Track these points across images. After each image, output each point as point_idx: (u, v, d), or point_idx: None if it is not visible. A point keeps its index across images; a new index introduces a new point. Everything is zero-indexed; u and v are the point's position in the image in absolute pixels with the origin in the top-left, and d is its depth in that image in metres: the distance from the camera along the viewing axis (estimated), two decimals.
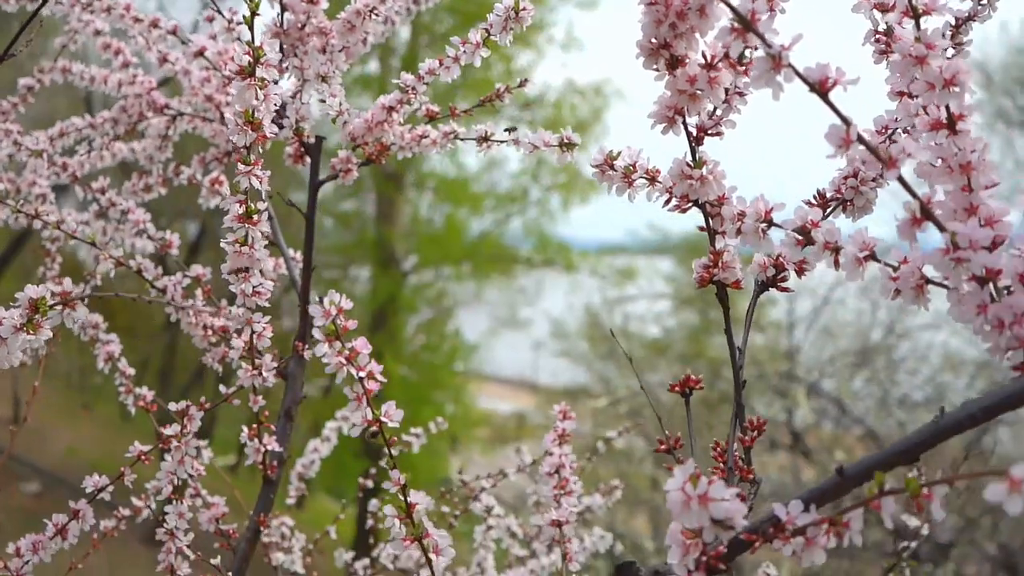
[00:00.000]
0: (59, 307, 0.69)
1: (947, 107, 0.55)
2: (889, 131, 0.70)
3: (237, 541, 1.01)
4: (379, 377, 0.65)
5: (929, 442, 0.51)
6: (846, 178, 0.70)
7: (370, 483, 1.53)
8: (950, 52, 0.74)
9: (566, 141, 0.89)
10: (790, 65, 0.51)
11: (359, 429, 0.66)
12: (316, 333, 0.63)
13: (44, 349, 1.17)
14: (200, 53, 1.07)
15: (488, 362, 12.42)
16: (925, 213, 0.53)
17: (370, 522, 1.42)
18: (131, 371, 1.11)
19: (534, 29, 11.31)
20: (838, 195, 0.70)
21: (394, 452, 0.68)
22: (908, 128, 0.64)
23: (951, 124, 0.55)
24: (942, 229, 0.53)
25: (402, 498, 0.67)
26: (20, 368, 1.34)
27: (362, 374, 0.64)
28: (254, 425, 0.98)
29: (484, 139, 0.99)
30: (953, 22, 0.74)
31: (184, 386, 9.34)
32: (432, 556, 0.67)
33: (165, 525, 0.94)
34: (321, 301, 0.64)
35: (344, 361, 0.64)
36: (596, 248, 11.69)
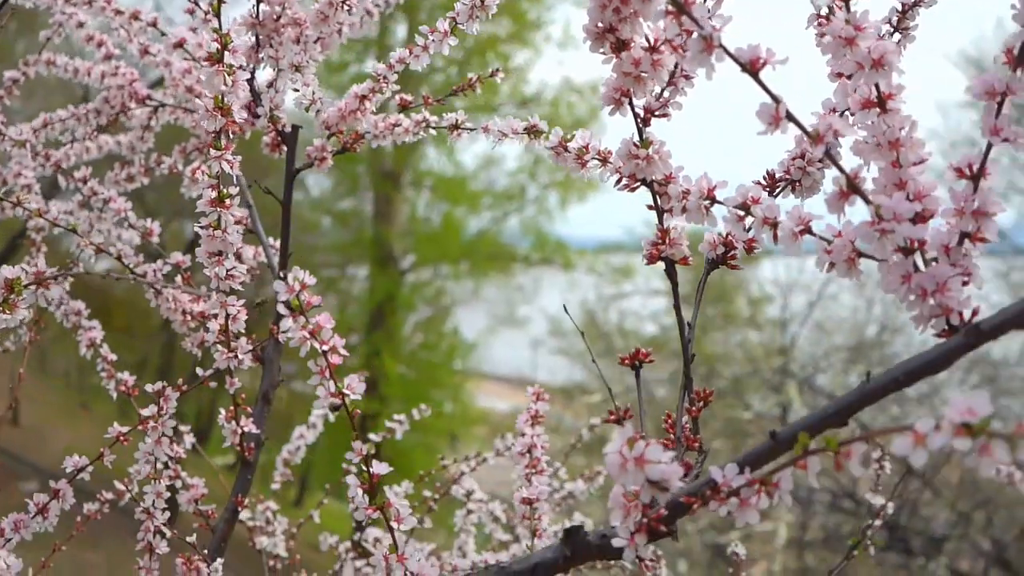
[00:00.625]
0: (33, 287, 0.71)
1: (876, 86, 0.57)
2: (836, 113, 0.72)
3: (216, 521, 1.04)
4: (341, 351, 0.68)
5: (856, 405, 0.54)
6: (794, 159, 0.73)
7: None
8: (896, 37, 0.77)
9: (532, 128, 0.91)
10: (721, 46, 0.54)
11: (324, 402, 0.68)
12: (281, 308, 0.66)
13: (27, 335, 1.19)
14: (180, 45, 1.09)
15: (486, 360, 12.45)
16: (852, 187, 0.55)
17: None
18: (113, 356, 1.14)
19: (531, 27, 11.35)
20: (786, 175, 0.73)
21: (362, 427, 0.70)
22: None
23: (881, 103, 0.58)
24: (868, 202, 0.55)
25: (364, 469, 0.69)
26: (18, 367, 1.35)
27: (325, 348, 0.67)
28: (231, 407, 1.00)
29: (455, 127, 1.01)
30: (900, 7, 0.76)
31: (183, 384, 9.37)
32: (394, 524, 0.69)
33: (142, 504, 0.97)
34: (286, 278, 0.66)
35: (308, 335, 0.66)
36: (594, 246, 11.73)
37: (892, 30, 0.77)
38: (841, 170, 0.55)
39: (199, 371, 0.99)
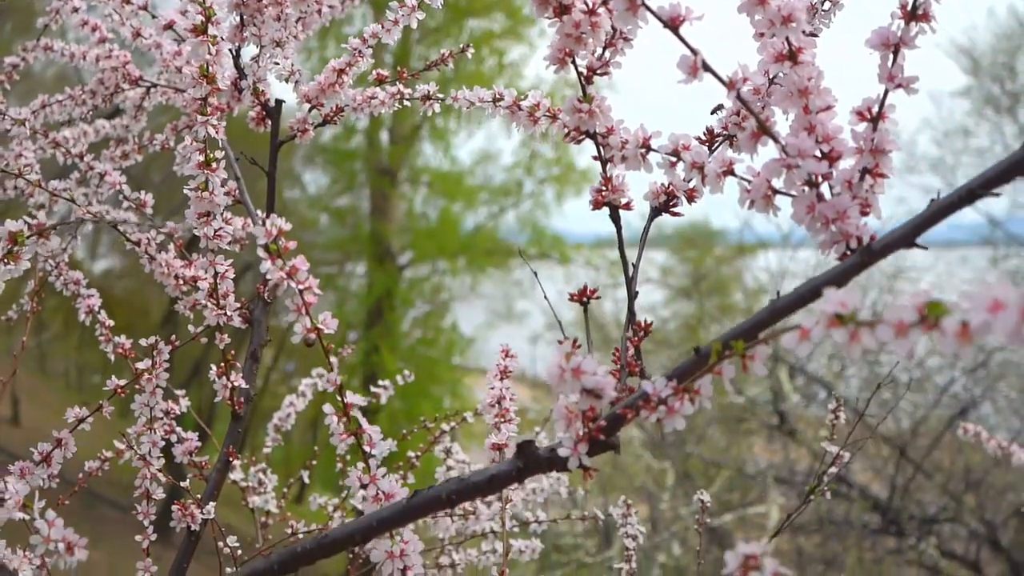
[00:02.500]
0: (34, 238, 0.78)
1: (788, 40, 0.64)
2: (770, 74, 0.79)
3: (209, 471, 1.11)
4: (316, 291, 0.75)
5: (767, 320, 0.61)
6: (731, 115, 0.79)
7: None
8: (827, 5, 0.83)
9: (497, 97, 0.98)
10: (644, 5, 0.60)
11: (299, 337, 0.75)
12: (260, 252, 0.73)
13: (29, 305, 1.26)
14: (169, 26, 1.16)
15: (485, 355, 12.52)
16: (762, 128, 0.62)
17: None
18: (111, 322, 1.20)
19: (526, 23, 11.41)
20: (724, 131, 0.80)
21: (333, 359, 0.77)
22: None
23: (792, 56, 0.64)
24: (776, 142, 0.62)
25: (339, 399, 0.76)
26: (19, 366, 1.42)
27: (302, 287, 0.73)
28: (222, 364, 1.07)
29: (427, 98, 1.08)
30: None
31: (183, 382, 9.46)
32: (367, 448, 0.76)
33: (139, 451, 1.04)
34: (264, 224, 0.73)
35: (285, 275, 0.73)
36: (591, 240, 11.81)
37: (822, 0, 0.84)
38: (753, 114, 0.62)
39: (190, 328, 1.06)
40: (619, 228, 0.76)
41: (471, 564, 1.38)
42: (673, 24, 0.61)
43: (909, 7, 0.62)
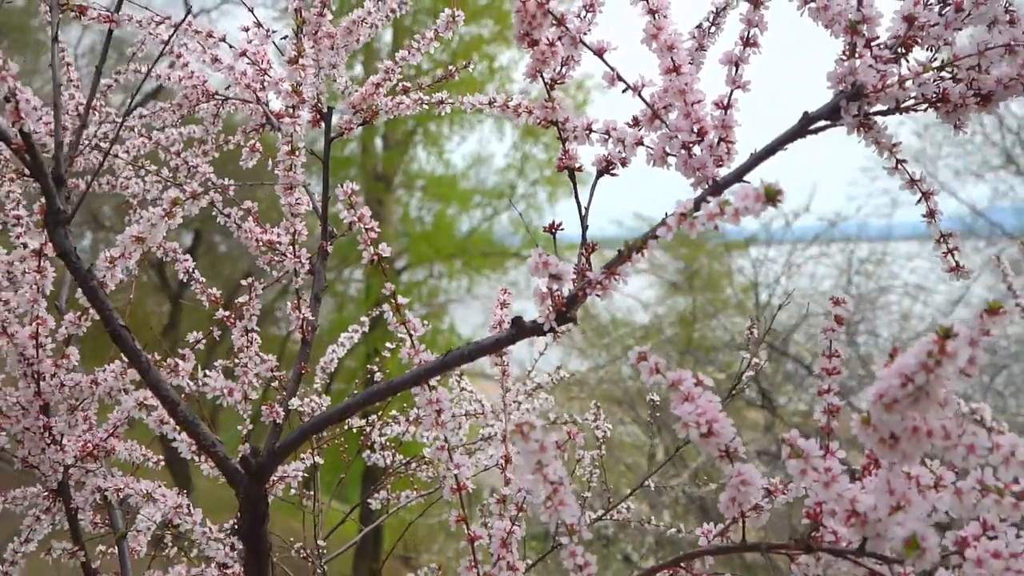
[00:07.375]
0: (189, 200, 1.17)
1: (672, 59, 1.04)
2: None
3: (287, 382, 1.50)
4: (376, 229, 1.14)
5: (670, 221, 0.99)
6: (643, 110, 1.18)
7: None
8: (712, 29, 1.23)
9: (492, 100, 1.37)
10: (582, 41, 1.00)
11: (367, 259, 1.14)
12: (340, 204, 1.12)
13: (135, 269, 1.64)
14: (243, 53, 1.55)
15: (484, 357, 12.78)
16: (654, 114, 1.02)
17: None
18: (203, 280, 1.59)
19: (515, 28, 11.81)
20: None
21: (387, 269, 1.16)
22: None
23: (676, 69, 1.04)
24: (663, 122, 1.01)
25: (393, 301, 1.15)
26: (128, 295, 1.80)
27: (367, 227, 1.13)
28: (295, 301, 1.46)
29: (442, 102, 1.47)
30: (715, 9, 1.22)
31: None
32: (411, 332, 1.15)
33: (240, 363, 1.42)
34: (341, 186, 1.12)
35: (356, 220, 1.12)
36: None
37: (710, 25, 1.23)
38: (649, 106, 1.02)
39: (273, 273, 1.45)
40: (575, 182, 1.16)
41: (478, 467, 1.76)
42: (599, 52, 1.00)
43: (745, 38, 1.02)
